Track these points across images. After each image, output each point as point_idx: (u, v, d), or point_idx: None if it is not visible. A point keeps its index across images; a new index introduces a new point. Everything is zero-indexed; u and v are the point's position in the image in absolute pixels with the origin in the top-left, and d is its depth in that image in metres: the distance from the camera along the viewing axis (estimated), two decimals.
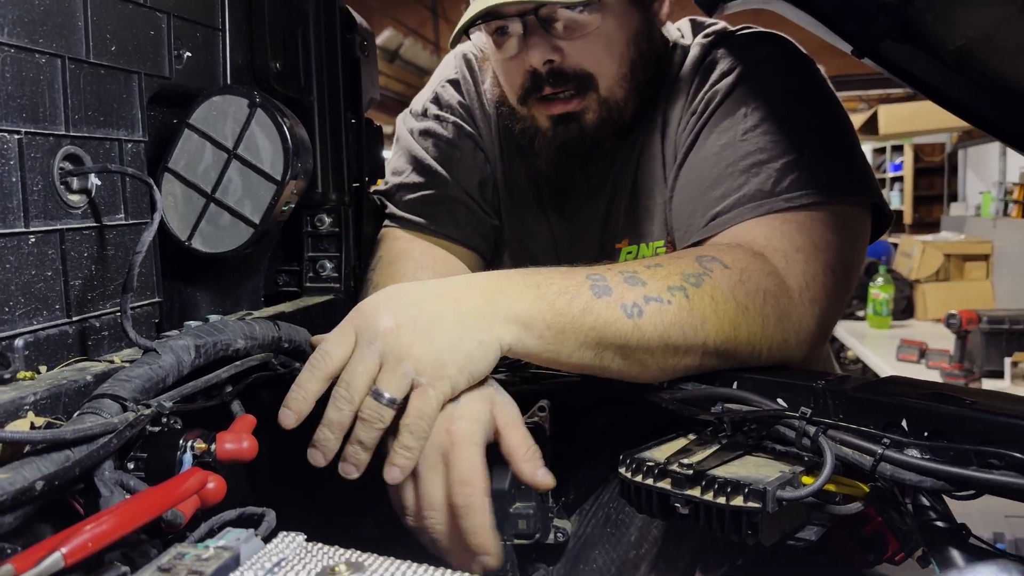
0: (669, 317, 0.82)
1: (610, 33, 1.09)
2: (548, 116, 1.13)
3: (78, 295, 0.71)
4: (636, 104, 1.16)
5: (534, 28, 1.07)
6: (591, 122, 1.12)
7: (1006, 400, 0.72)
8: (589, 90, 1.11)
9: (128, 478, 0.60)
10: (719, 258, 0.90)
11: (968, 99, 1.02)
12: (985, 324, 3.35)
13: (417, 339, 0.74)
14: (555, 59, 1.08)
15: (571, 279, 0.82)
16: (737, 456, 0.75)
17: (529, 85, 1.11)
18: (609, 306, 0.80)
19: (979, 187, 7.40)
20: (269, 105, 0.87)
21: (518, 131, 1.20)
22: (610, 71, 1.11)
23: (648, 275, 0.84)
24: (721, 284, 0.86)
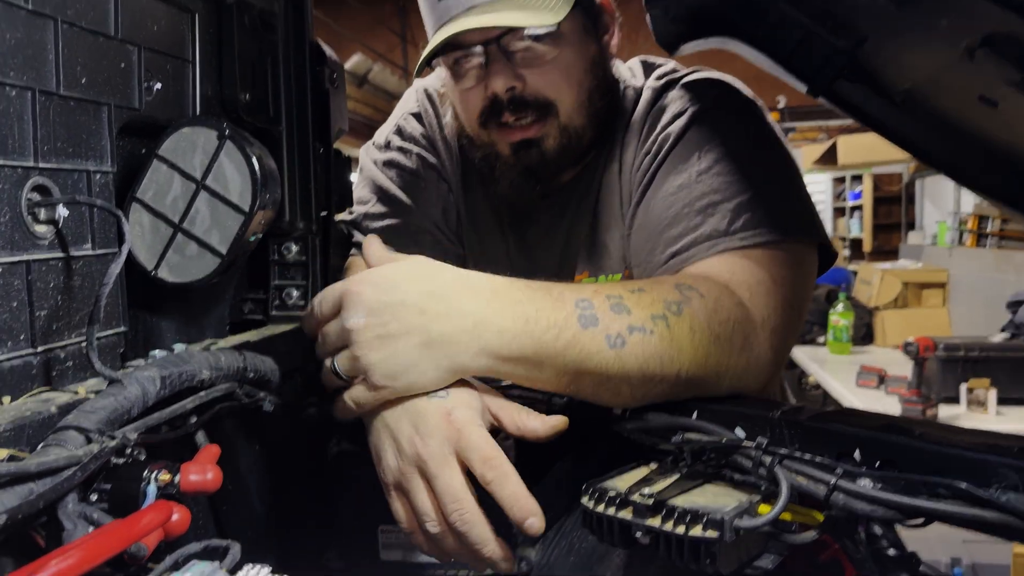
0: (650, 348, 0.83)
1: (569, 62, 1.13)
2: (509, 143, 1.15)
3: (43, 325, 0.71)
4: (593, 131, 1.20)
5: (496, 56, 1.10)
6: (551, 148, 1.16)
7: (954, 432, 0.75)
8: (549, 116, 1.14)
9: (92, 510, 0.60)
10: (695, 287, 0.92)
11: (916, 137, 1.06)
12: (941, 351, 3.43)
13: (377, 346, 0.79)
14: (517, 86, 1.11)
15: (561, 309, 0.82)
16: (697, 485, 0.76)
17: (489, 111, 1.14)
18: (594, 338, 0.81)
19: (936, 216, 7.60)
20: (238, 137, 0.88)
21: (479, 159, 1.23)
22: (569, 98, 1.14)
23: (633, 301, 0.85)
24: (699, 313, 0.89)
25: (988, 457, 0.66)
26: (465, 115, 1.21)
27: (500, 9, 1.06)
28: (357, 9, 9.83)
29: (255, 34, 1.02)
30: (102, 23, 0.79)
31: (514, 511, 0.75)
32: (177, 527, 0.63)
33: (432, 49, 1.09)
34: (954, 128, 0.98)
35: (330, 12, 9.29)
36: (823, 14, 0.92)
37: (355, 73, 9.19)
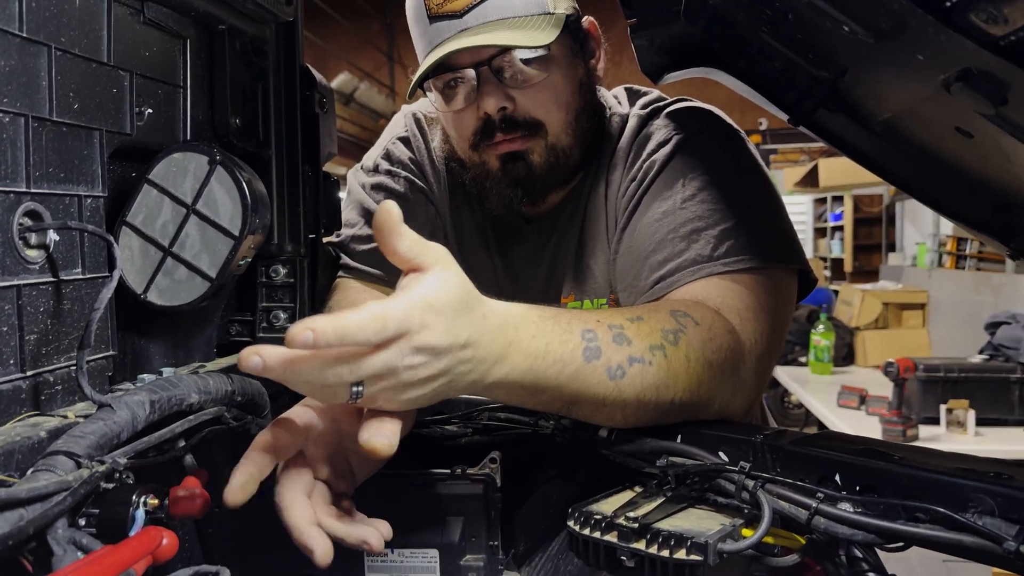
0: (648, 379, 0.84)
1: (557, 83, 1.16)
2: (497, 156, 1.17)
3: (33, 350, 0.71)
4: (580, 152, 1.22)
5: (487, 78, 1.12)
6: (537, 163, 1.18)
7: (932, 456, 0.76)
8: (538, 136, 1.16)
9: (81, 536, 0.60)
10: (690, 314, 0.93)
11: (895, 165, 1.08)
12: (921, 372, 3.46)
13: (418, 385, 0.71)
14: (508, 106, 1.14)
15: (568, 342, 0.79)
16: (681, 508, 0.78)
17: (481, 132, 1.17)
18: (596, 370, 0.81)
19: (915, 238, 7.69)
20: (229, 162, 0.89)
21: (469, 179, 1.24)
22: (558, 119, 1.17)
23: (633, 332, 0.86)
24: (694, 341, 0.90)
25: (965, 482, 0.67)
26: (457, 137, 1.22)
27: (491, 31, 1.09)
28: (344, 28, 9.87)
29: (246, 60, 1.03)
30: (95, 50, 0.80)
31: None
32: (166, 552, 0.63)
33: (424, 71, 1.11)
34: (931, 157, 1.01)
35: (317, 31, 9.33)
36: (804, 46, 0.94)
37: (342, 92, 9.22)
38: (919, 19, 0.64)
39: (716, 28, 1.09)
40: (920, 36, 0.68)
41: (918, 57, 0.73)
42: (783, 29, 0.93)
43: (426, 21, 1.14)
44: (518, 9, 1.10)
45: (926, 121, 0.91)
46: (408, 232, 0.70)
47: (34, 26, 0.71)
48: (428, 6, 1.13)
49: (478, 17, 1.10)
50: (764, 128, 9.60)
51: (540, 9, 1.12)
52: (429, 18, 1.13)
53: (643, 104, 1.27)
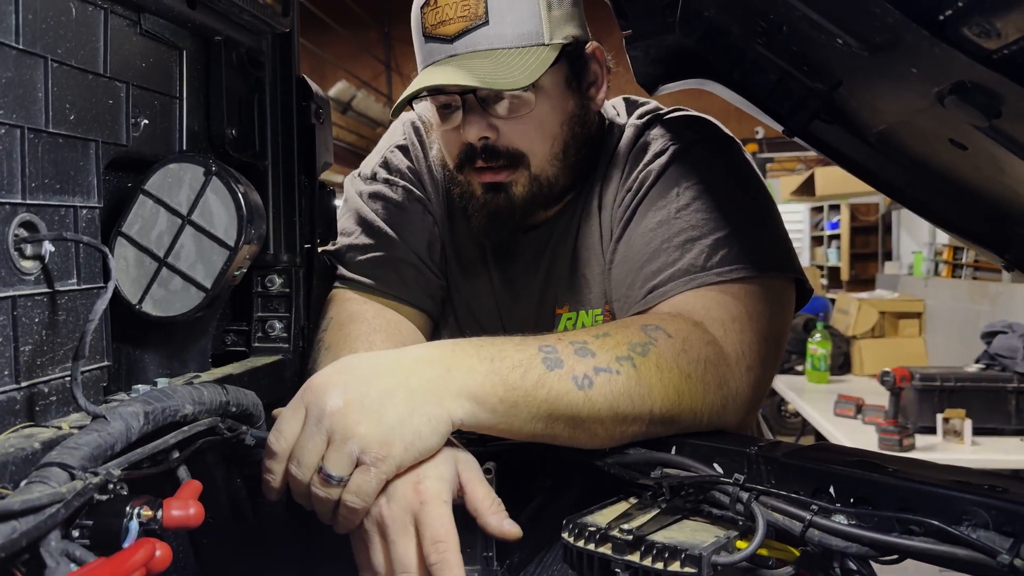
0: (618, 387, 0.85)
1: (544, 115, 1.15)
2: (480, 183, 1.18)
3: (27, 360, 0.71)
4: (568, 180, 1.22)
5: (472, 106, 1.13)
6: (519, 195, 1.18)
7: (927, 468, 0.76)
8: (520, 167, 1.16)
9: (74, 548, 0.60)
10: (663, 327, 0.94)
11: (889, 176, 1.09)
12: (918, 381, 3.47)
13: (363, 417, 0.76)
14: (490, 136, 1.14)
15: (524, 352, 0.84)
16: (675, 520, 0.78)
17: (464, 157, 1.17)
18: (561, 378, 0.83)
19: (912, 247, 7.70)
20: (225, 173, 0.89)
21: (456, 195, 1.25)
22: (542, 150, 1.16)
23: (597, 345, 0.87)
24: (666, 353, 0.90)
25: (960, 495, 0.68)
26: (446, 153, 1.23)
27: (475, 67, 1.08)
28: (342, 37, 9.90)
29: (242, 71, 1.04)
30: (91, 61, 0.80)
31: None
32: (159, 564, 0.63)
33: (409, 94, 1.12)
34: (925, 169, 1.01)
35: (315, 39, 9.35)
36: (798, 58, 0.94)
37: (339, 100, 9.24)
38: (913, 33, 0.64)
39: (711, 40, 1.09)
40: (914, 49, 0.68)
41: (912, 70, 0.73)
42: (778, 41, 0.93)
43: (422, 38, 1.14)
44: (508, 40, 1.09)
45: (920, 133, 0.92)
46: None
47: (31, 38, 0.71)
48: (424, 25, 1.13)
49: (468, 45, 1.10)
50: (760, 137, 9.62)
51: (534, 40, 1.10)
52: (424, 37, 1.14)
53: (640, 114, 1.27)
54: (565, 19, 1.14)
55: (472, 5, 1.08)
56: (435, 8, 1.11)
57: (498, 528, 0.78)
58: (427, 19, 1.12)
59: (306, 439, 0.77)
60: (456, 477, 0.80)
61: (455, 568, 0.75)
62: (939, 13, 0.60)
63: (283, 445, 0.78)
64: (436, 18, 1.11)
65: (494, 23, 1.09)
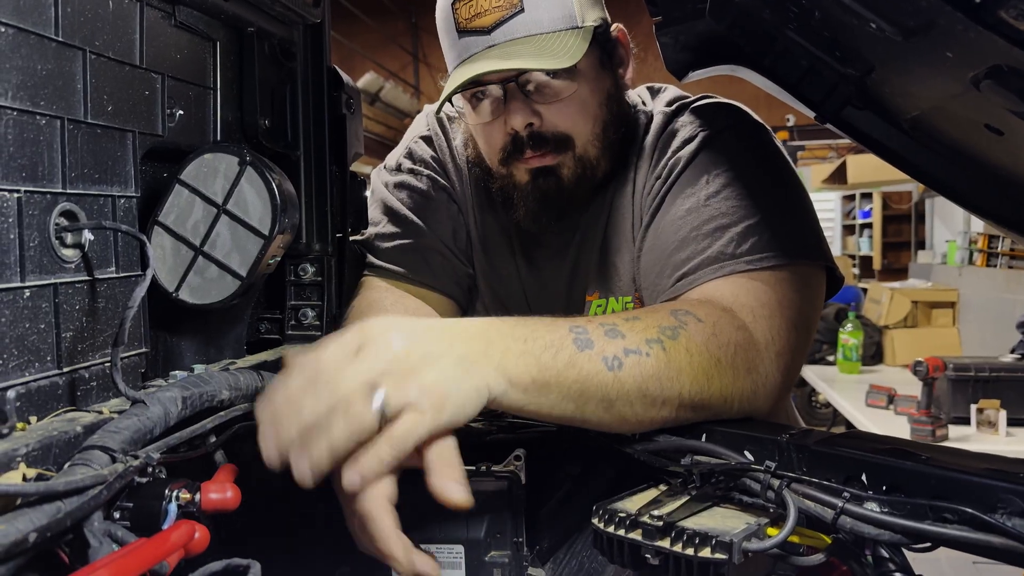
0: (648, 369, 0.85)
1: (584, 97, 1.16)
2: (527, 170, 1.18)
3: (69, 347, 0.73)
4: (609, 162, 1.22)
5: (514, 94, 1.13)
6: (567, 176, 1.18)
7: (960, 456, 0.76)
8: (566, 150, 1.16)
9: (116, 528, 0.62)
10: (692, 312, 0.94)
11: (923, 162, 1.07)
12: (951, 371, 3.42)
13: (426, 367, 0.72)
14: (535, 122, 1.14)
15: (555, 332, 0.83)
16: (706, 507, 0.78)
17: (511, 148, 1.17)
18: (591, 359, 0.82)
19: (945, 235, 7.58)
20: (259, 163, 0.90)
21: (495, 189, 1.25)
22: (585, 131, 1.17)
23: (627, 328, 0.87)
24: (696, 337, 0.90)
25: (994, 483, 0.67)
26: (486, 149, 1.23)
27: (518, 52, 1.09)
28: (370, 28, 9.93)
29: (275, 62, 1.05)
30: (128, 53, 0.81)
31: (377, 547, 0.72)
32: (197, 545, 0.64)
33: (453, 88, 1.12)
34: (960, 155, 1.00)
35: (344, 30, 9.40)
36: (830, 43, 0.93)
37: (367, 91, 9.27)
38: (948, 16, 0.63)
39: (742, 25, 1.08)
40: (949, 33, 0.67)
41: (947, 54, 0.72)
42: (809, 26, 0.92)
43: (455, 34, 1.15)
44: (545, 25, 1.11)
45: (955, 118, 0.90)
46: None
47: (69, 31, 0.73)
48: (457, 20, 1.14)
49: (505, 34, 1.11)
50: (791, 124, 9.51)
51: (568, 24, 1.12)
52: (458, 32, 1.14)
53: (668, 101, 1.27)
54: (592, 3, 1.16)
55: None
56: (468, 2, 1.12)
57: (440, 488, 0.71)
58: (460, 14, 1.13)
59: (362, 363, 0.71)
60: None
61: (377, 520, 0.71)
62: None
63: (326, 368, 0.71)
64: (471, 11, 1.12)
65: (529, 10, 1.10)
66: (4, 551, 0.51)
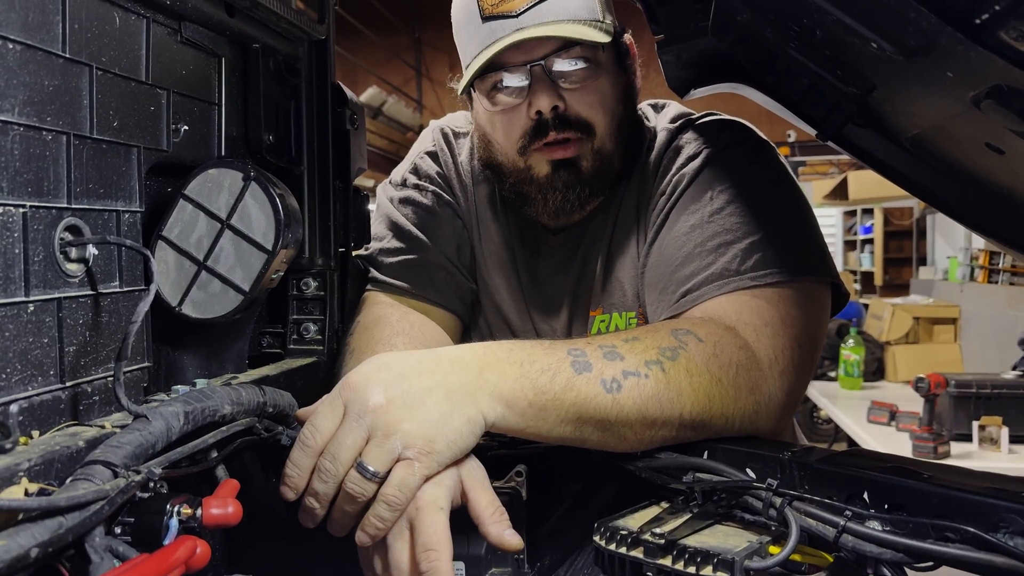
0: (647, 391, 0.85)
1: (605, 88, 1.18)
2: (549, 161, 1.18)
3: (72, 361, 0.73)
4: (621, 160, 1.24)
5: (540, 77, 1.14)
6: (587, 168, 1.20)
7: (962, 475, 0.75)
8: (588, 136, 1.18)
9: (117, 544, 0.62)
10: (693, 331, 0.94)
11: (924, 180, 1.08)
12: (953, 388, 3.41)
13: (407, 414, 0.76)
14: (560, 105, 1.15)
15: (553, 355, 0.84)
16: (708, 525, 0.78)
17: (532, 132, 1.18)
18: (589, 382, 0.83)
19: (946, 251, 7.59)
20: (263, 178, 0.90)
21: (509, 186, 1.25)
22: (604, 122, 1.19)
23: (626, 349, 0.87)
24: (696, 357, 0.90)
25: (996, 501, 0.67)
26: (504, 139, 1.23)
27: (551, 30, 1.11)
28: (374, 43, 9.98)
29: (279, 78, 1.05)
30: (134, 69, 0.82)
31: None
32: (199, 561, 0.64)
33: (481, 65, 1.13)
34: (961, 173, 1.00)
35: (347, 45, 9.44)
36: (832, 62, 0.94)
37: (370, 105, 9.31)
38: (949, 37, 0.64)
39: (744, 44, 1.09)
40: (950, 53, 0.68)
41: (948, 74, 0.73)
42: (811, 45, 0.93)
43: (478, 21, 1.15)
44: (572, 13, 1.12)
45: (956, 137, 0.91)
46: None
47: (76, 47, 0.73)
48: (482, 6, 1.14)
49: (534, 18, 1.12)
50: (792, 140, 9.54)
51: (592, 15, 1.14)
52: (482, 18, 1.14)
53: (672, 118, 1.28)
54: (609, 7, 1.19)
55: None
56: None
57: (498, 537, 0.77)
58: (485, 1, 1.14)
59: (345, 434, 0.77)
60: (458, 484, 0.79)
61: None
62: (975, 17, 0.59)
63: (318, 440, 0.78)
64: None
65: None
66: (6, 567, 0.51)
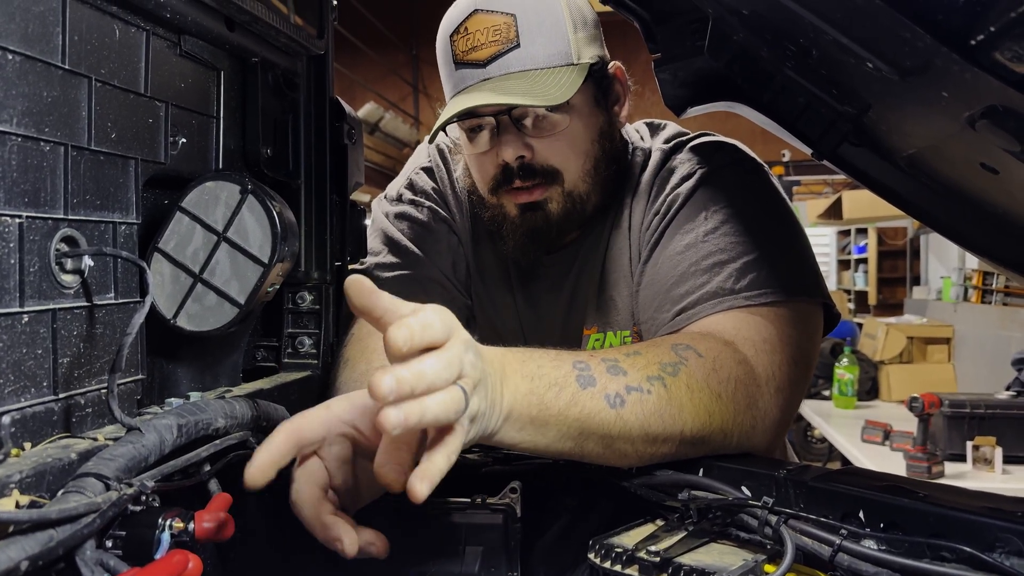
0: (649, 407, 0.84)
1: (576, 133, 1.18)
2: (516, 204, 1.19)
3: (65, 372, 0.73)
4: (599, 197, 1.24)
5: (507, 126, 1.15)
6: (555, 211, 1.20)
7: (958, 494, 0.75)
8: (555, 183, 1.18)
9: (108, 558, 0.61)
10: (693, 346, 0.94)
11: (919, 200, 1.08)
12: (947, 408, 3.41)
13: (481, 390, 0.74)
14: (526, 155, 1.16)
15: (560, 368, 0.83)
16: (703, 543, 0.77)
17: (500, 178, 1.19)
18: (594, 397, 0.82)
19: (940, 271, 7.61)
20: (260, 192, 0.90)
21: (487, 218, 1.27)
22: (575, 167, 1.18)
23: (628, 364, 0.87)
24: (696, 373, 0.90)
25: (992, 521, 0.67)
26: (478, 178, 1.25)
27: (511, 87, 1.11)
28: (371, 59, 10.02)
29: (278, 92, 1.06)
30: (133, 81, 0.82)
31: None
32: (191, 575, 0.63)
33: (446, 119, 1.14)
34: (956, 193, 1.01)
35: (345, 61, 9.48)
36: (828, 82, 0.94)
37: (368, 121, 9.33)
38: (944, 57, 0.64)
39: (740, 63, 1.10)
40: (945, 74, 0.68)
41: (943, 94, 0.73)
42: (807, 65, 0.93)
43: (452, 66, 1.17)
44: (540, 61, 1.12)
45: (951, 157, 0.91)
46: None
47: (76, 58, 0.73)
48: (454, 52, 1.16)
49: (501, 68, 1.12)
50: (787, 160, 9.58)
51: (563, 60, 1.13)
52: (455, 63, 1.16)
53: (666, 138, 1.28)
54: (589, 40, 1.18)
55: (503, 29, 1.11)
56: (466, 36, 1.14)
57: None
58: (457, 46, 1.15)
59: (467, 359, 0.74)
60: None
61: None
62: (970, 37, 0.60)
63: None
64: (467, 44, 1.14)
65: (525, 45, 1.11)
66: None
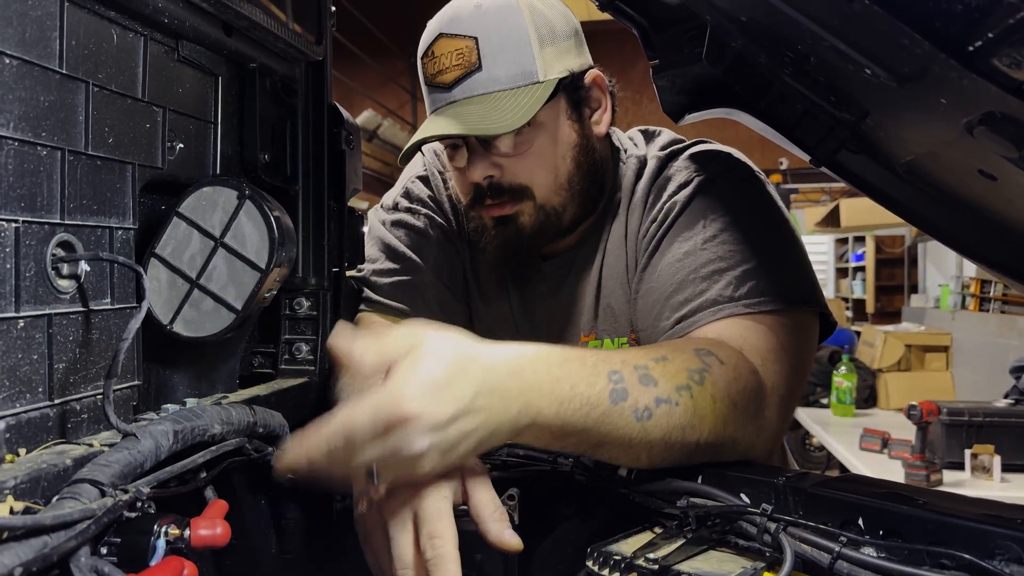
0: (675, 420, 0.84)
1: (544, 149, 1.18)
2: (491, 217, 1.21)
3: (61, 378, 0.72)
4: (577, 208, 1.24)
5: (475, 148, 1.17)
6: (527, 224, 1.21)
7: (957, 501, 0.75)
8: (524, 199, 1.19)
9: (103, 564, 0.60)
10: (714, 352, 0.93)
11: (917, 207, 1.08)
12: (945, 416, 3.41)
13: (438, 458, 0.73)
14: (494, 174, 1.18)
15: (595, 385, 0.80)
16: (701, 551, 0.77)
17: (473, 196, 1.21)
18: (623, 413, 0.80)
19: (938, 279, 7.62)
20: (258, 197, 0.90)
21: (470, 229, 1.28)
22: (545, 182, 1.19)
23: (659, 372, 0.85)
24: (719, 381, 0.89)
25: (992, 528, 0.66)
26: (458, 192, 1.28)
27: (469, 113, 1.12)
28: (369, 66, 10.04)
29: (276, 97, 1.06)
30: (130, 86, 0.82)
31: None
32: None
33: (414, 141, 1.15)
34: (954, 200, 1.01)
35: (343, 69, 9.49)
36: (826, 88, 0.95)
37: (366, 128, 9.35)
38: (942, 64, 0.64)
39: (738, 70, 1.10)
40: (943, 80, 0.68)
41: (941, 101, 0.73)
42: (805, 72, 0.93)
43: (425, 87, 1.19)
44: (503, 82, 1.13)
45: (949, 163, 0.91)
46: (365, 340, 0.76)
47: (73, 63, 0.73)
48: (424, 75, 1.18)
49: (464, 91, 1.13)
50: (784, 168, 9.60)
51: (527, 80, 1.13)
52: (426, 85, 1.19)
53: (661, 146, 1.28)
54: (560, 54, 1.17)
55: (466, 53, 1.12)
56: (433, 59, 1.15)
57: (497, 536, 0.75)
58: (427, 69, 1.17)
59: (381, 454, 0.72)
60: (460, 480, 0.78)
61: (451, 563, 0.72)
62: (969, 44, 0.60)
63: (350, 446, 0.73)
64: (434, 68, 1.15)
65: (487, 68, 1.12)
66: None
